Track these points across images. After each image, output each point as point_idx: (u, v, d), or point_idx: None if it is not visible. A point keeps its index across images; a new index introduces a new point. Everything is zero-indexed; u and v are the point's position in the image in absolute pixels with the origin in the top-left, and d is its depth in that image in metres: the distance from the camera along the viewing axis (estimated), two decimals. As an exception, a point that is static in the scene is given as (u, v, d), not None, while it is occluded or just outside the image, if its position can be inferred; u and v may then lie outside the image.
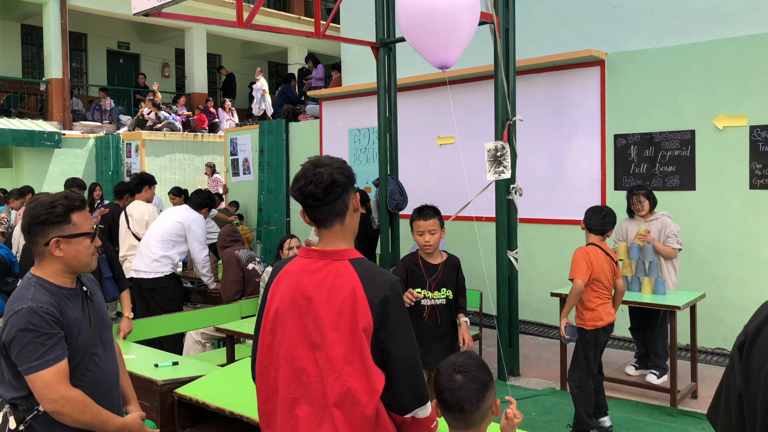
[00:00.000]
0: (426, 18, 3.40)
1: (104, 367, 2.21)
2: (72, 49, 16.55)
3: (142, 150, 13.20)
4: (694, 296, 5.11)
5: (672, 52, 6.57)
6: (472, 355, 2.00)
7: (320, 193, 1.91)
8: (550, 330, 7.25)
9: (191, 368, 3.33)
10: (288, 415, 1.91)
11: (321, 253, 1.97)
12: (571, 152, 7.25)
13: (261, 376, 1.99)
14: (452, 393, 1.89)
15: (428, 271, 3.78)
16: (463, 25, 3.49)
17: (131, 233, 6.32)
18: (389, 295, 1.87)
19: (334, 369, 1.84)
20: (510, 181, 5.67)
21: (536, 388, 5.44)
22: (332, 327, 1.86)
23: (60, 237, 2.15)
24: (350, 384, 1.82)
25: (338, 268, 1.92)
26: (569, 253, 7.22)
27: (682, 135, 6.50)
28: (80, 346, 2.12)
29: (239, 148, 11.63)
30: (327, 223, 1.96)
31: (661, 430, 4.47)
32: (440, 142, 8.32)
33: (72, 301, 2.16)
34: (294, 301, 1.93)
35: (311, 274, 1.93)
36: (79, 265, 2.20)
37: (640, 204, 5.46)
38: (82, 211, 2.22)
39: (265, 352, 1.98)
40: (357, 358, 1.83)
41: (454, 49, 3.54)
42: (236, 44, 20.25)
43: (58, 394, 2.01)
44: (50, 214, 2.14)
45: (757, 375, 1.08)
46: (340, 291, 1.87)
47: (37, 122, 13.61)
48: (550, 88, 7.35)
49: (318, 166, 1.95)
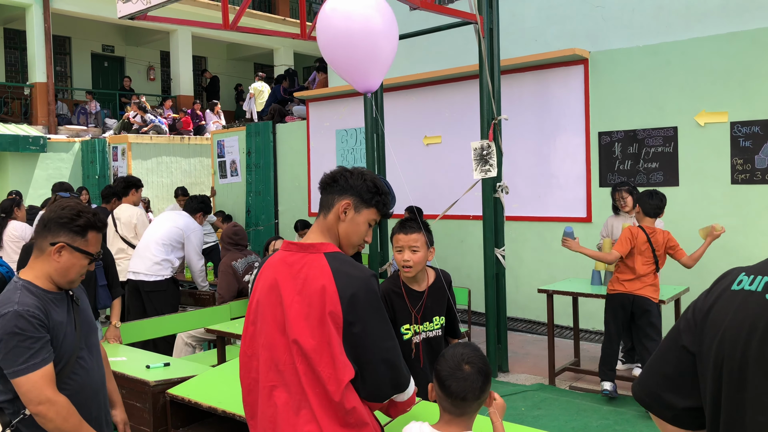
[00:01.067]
0: (344, 45, 3.42)
1: (90, 370, 2.23)
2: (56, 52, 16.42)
3: (128, 153, 13.14)
4: (678, 290, 5.20)
5: (654, 50, 6.67)
6: (477, 348, 2.07)
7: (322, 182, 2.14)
8: (538, 326, 7.33)
9: (183, 369, 3.35)
10: (267, 403, 1.96)
11: (299, 246, 2.05)
12: (556, 150, 7.32)
13: (244, 366, 2.05)
14: (459, 382, 1.97)
15: (411, 299, 2.94)
16: (380, 49, 3.45)
17: (119, 237, 6.31)
18: (358, 292, 1.92)
19: (306, 358, 1.90)
20: (496, 180, 5.73)
21: (525, 383, 5.50)
22: (303, 317, 1.92)
23: (67, 244, 2.18)
24: (320, 372, 1.89)
25: (313, 260, 1.99)
26: (555, 250, 7.33)
27: (665, 132, 6.60)
28: (66, 349, 2.14)
29: (226, 150, 11.62)
30: (320, 211, 2.13)
31: (649, 423, 4.54)
32: (427, 141, 8.37)
33: (58, 305, 2.18)
34: (271, 292, 2.00)
35: (288, 266, 2.01)
36: (63, 279, 2.21)
37: (623, 200, 5.56)
38: (98, 233, 2.26)
39: (248, 342, 2.05)
40: (325, 348, 1.89)
41: (375, 74, 3.52)
42: (222, 46, 20.20)
43: (44, 396, 2.02)
44: (72, 221, 2.19)
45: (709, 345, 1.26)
46: (312, 283, 1.94)
47: (21, 127, 13.49)
48: (535, 87, 7.43)
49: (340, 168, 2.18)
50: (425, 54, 8.98)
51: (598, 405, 4.91)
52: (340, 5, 3.46)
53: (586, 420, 4.63)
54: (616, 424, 4.54)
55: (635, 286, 4.80)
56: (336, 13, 3.46)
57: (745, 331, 1.22)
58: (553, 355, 5.48)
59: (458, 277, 7.37)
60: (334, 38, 3.44)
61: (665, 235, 4.89)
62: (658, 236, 4.87)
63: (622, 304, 4.87)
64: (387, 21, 3.51)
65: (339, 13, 3.44)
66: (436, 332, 3.00)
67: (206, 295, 6.08)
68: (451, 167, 8.04)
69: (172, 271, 5.69)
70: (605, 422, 4.59)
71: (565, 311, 6.59)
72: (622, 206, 5.57)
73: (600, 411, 4.79)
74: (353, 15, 3.43)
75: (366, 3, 3.47)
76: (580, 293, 5.32)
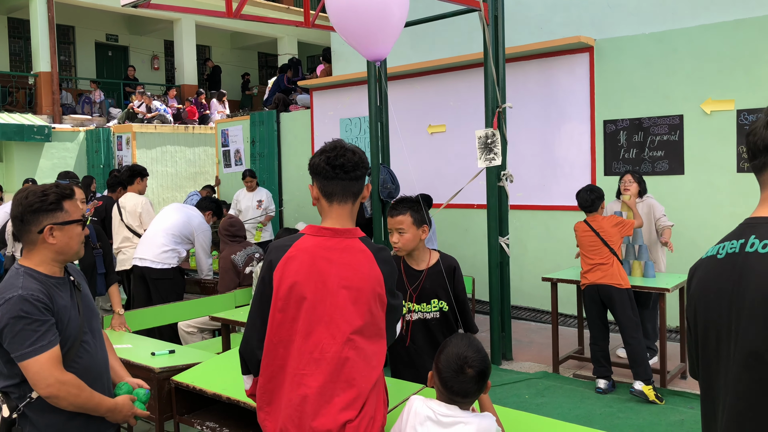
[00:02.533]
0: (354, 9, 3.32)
1: (94, 354, 2.25)
2: (60, 42, 16.42)
3: (133, 143, 13.16)
4: (683, 278, 5.18)
5: (660, 38, 6.62)
6: (479, 348, 2.08)
7: (351, 166, 2.02)
8: (542, 315, 7.33)
9: (188, 356, 3.37)
10: (295, 391, 1.95)
11: (333, 231, 2.04)
12: (561, 138, 7.30)
13: (269, 353, 2.02)
14: (462, 384, 2.01)
15: (409, 278, 2.99)
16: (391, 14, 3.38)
17: (124, 225, 6.33)
18: (395, 269, 2.10)
19: (354, 342, 1.95)
20: (501, 168, 5.72)
21: (529, 371, 5.51)
22: (352, 302, 1.95)
23: (54, 224, 2.19)
24: (366, 351, 1.96)
25: (353, 245, 2.02)
26: (560, 238, 7.32)
27: (671, 120, 6.56)
28: (70, 333, 2.16)
29: (230, 139, 11.62)
30: (344, 199, 2.05)
31: (652, 410, 4.55)
32: (431, 130, 8.35)
33: (61, 289, 2.19)
34: (310, 277, 1.98)
35: (327, 250, 2.01)
36: (70, 252, 2.24)
37: (626, 184, 5.58)
38: (72, 199, 2.26)
39: (275, 329, 2.01)
40: (374, 330, 1.98)
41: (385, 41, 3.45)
42: (225, 35, 20.15)
43: (53, 378, 2.04)
44: (43, 202, 2.18)
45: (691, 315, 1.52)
46: (359, 267, 1.98)
47: (26, 116, 13.52)
48: (540, 75, 7.39)
49: (345, 146, 2.06)
50: (430, 42, 8.94)
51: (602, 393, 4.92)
52: None
53: (589, 408, 4.64)
54: (620, 412, 4.55)
55: (596, 276, 4.96)
56: None
57: (711, 294, 1.39)
58: (557, 344, 5.48)
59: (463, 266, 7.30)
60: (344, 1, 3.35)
61: (610, 220, 5.04)
62: (603, 223, 5.03)
63: (591, 296, 5.04)
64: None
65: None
66: (433, 315, 2.96)
67: (211, 283, 6.11)
68: (456, 156, 8.02)
69: (178, 260, 5.73)
70: (609, 410, 4.60)
71: (569, 299, 6.59)
72: (625, 191, 5.58)
73: (603, 399, 4.80)
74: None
75: None
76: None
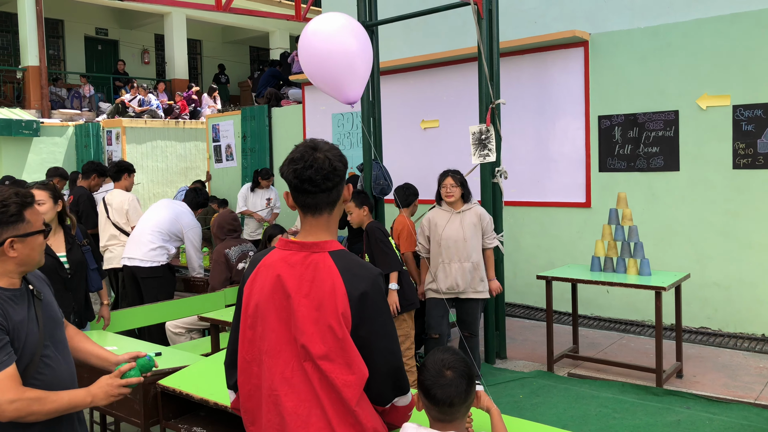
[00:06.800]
0: (323, 65, 3.86)
1: (57, 368, 2.12)
2: (49, 36, 16.21)
3: (122, 137, 13.00)
4: (678, 276, 5.12)
5: (654, 32, 6.55)
6: (456, 352, 2.01)
7: (320, 179, 1.84)
8: (536, 312, 7.28)
9: (174, 359, 3.27)
10: (273, 411, 1.86)
11: (300, 245, 1.91)
12: (555, 134, 7.23)
13: (243, 372, 1.94)
14: (443, 389, 1.91)
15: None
16: (356, 67, 3.90)
17: (111, 223, 6.21)
18: (369, 290, 1.83)
19: (316, 365, 1.81)
20: (495, 165, 5.64)
21: (523, 370, 5.45)
22: (312, 321, 1.81)
23: (15, 237, 2.06)
24: (333, 380, 1.79)
25: (318, 260, 1.86)
26: (554, 235, 7.27)
27: (666, 115, 6.50)
28: (28, 349, 2.03)
29: (221, 134, 11.49)
30: (318, 211, 1.90)
31: (647, 410, 4.50)
32: (425, 125, 8.26)
33: (17, 302, 2.06)
34: (274, 295, 1.87)
35: (291, 266, 1.88)
36: (31, 263, 2.12)
37: (451, 188, 4.85)
38: (33, 207, 2.13)
39: (247, 347, 1.92)
40: (339, 353, 1.80)
41: (354, 89, 3.97)
42: (217, 29, 19.98)
43: (6, 399, 1.91)
44: (3, 214, 2.04)
45: None
46: (321, 285, 1.82)
47: (14, 111, 13.34)
48: (534, 69, 7.31)
49: (316, 150, 1.87)
50: (423, 36, 8.85)
51: (597, 392, 4.86)
52: (320, 28, 3.86)
53: (585, 408, 4.58)
54: (615, 412, 4.49)
55: None
56: (316, 36, 3.85)
57: None
58: (551, 342, 5.42)
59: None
60: (315, 58, 3.87)
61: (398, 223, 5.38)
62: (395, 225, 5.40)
63: None
64: (361, 42, 3.94)
65: (319, 35, 3.85)
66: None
67: (200, 281, 6.02)
68: (450, 151, 7.94)
69: (167, 257, 5.65)
70: (604, 410, 4.54)
71: (563, 297, 6.53)
72: (448, 195, 4.86)
73: (599, 398, 4.75)
74: (331, 38, 3.83)
75: (342, 26, 3.88)
76: (580, 280, 5.25)
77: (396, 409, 1.94)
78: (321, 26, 3.85)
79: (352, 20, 3.99)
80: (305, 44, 3.90)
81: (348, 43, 3.83)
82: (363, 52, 3.93)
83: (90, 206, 6.80)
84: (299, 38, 4.06)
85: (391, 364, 1.87)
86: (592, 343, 6.17)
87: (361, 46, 3.90)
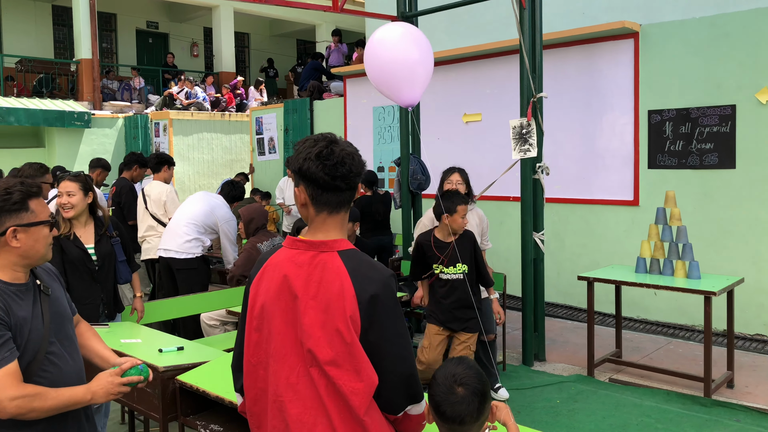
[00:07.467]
0: (387, 71, 4.15)
1: (63, 366, 2.07)
2: (102, 29, 16.62)
3: (169, 129, 13.20)
4: (731, 281, 4.83)
5: (711, 22, 6.21)
6: (470, 365, 1.87)
7: (353, 176, 1.78)
8: (579, 313, 7.03)
9: (195, 354, 3.21)
10: (277, 417, 1.78)
11: (308, 244, 1.80)
12: (602, 129, 6.95)
13: (249, 375, 1.86)
14: (453, 406, 1.79)
15: (439, 248, 4.20)
16: (417, 75, 4.14)
17: (149, 214, 6.27)
18: (379, 293, 1.72)
19: (323, 371, 1.71)
20: (536, 160, 5.43)
21: (562, 374, 5.25)
22: (319, 325, 1.71)
23: (18, 226, 2.01)
24: (340, 386, 1.69)
25: (326, 260, 1.76)
26: (600, 234, 7.00)
27: (722, 110, 6.16)
28: (32, 346, 1.98)
29: (264, 127, 11.53)
30: (337, 208, 1.80)
31: (693, 422, 4.25)
32: (467, 119, 8.08)
33: (22, 297, 2.01)
34: (280, 296, 1.78)
35: (298, 267, 1.78)
36: (36, 256, 2.06)
37: (457, 184, 4.66)
38: (39, 198, 2.08)
39: (253, 350, 1.84)
40: (346, 359, 1.70)
41: (413, 94, 4.20)
42: (264, 22, 20.12)
43: (7, 396, 1.87)
44: (6, 202, 2.00)
45: None
46: (328, 287, 1.72)
47: (67, 102, 13.70)
48: (581, 62, 7.04)
49: (337, 144, 1.78)
50: (466, 27, 8.64)
51: (639, 400, 4.63)
52: (386, 36, 4.16)
53: (625, 416, 4.36)
54: (658, 422, 4.26)
55: None
56: (381, 44, 4.16)
57: None
58: (592, 345, 5.20)
59: (497, 261, 7.11)
60: (379, 65, 4.18)
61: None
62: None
63: None
64: (423, 51, 4.18)
65: (384, 43, 4.15)
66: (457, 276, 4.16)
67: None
68: (492, 146, 7.74)
69: (202, 249, 5.66)
70: (646, 419, 4.31)
71: (608, 298, 6.28)
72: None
73: (641, 407, 4.51)
74: (395, 47, 4.12)
75: (406, 36, 4.16)
76: (623, 281, 5.01)
77: (409, 418, 1.82)
78: (385, 35, 4.17)
79: (415, 30, 4.25)
80: (370, 52, 4.22)
81: (410, 51, 4.12)
82: (425, 60, 4.19)
83: (132, 197, 6.88)
84: (365, 46, 4.38)
85: (403, 371, 1.75)
86: (637, 347, 5.91)
87: (422, 55, 4.18)
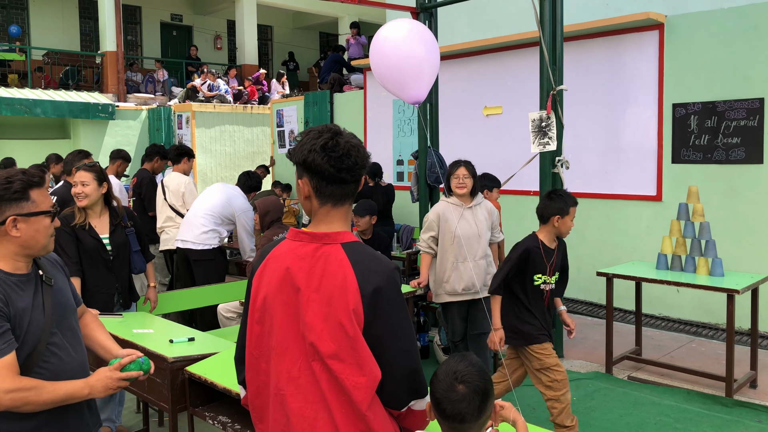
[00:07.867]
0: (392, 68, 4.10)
1: (65, 357, 2.05)
2: (126, 22, 16.76)
3: (192, 121, 13.28)
4: (756, 278, 4.71)
5: (739, 13, 6.04)
6: (473, 362, 1.81)
7: (359, 168, 1.75)
8: (599, 309, 6.92)
9: (206, 345, 3.21)
10: (279, 411, 1.76)
11: (312, 236, 1.77)
12: (625, 123, 6.81)
13: (251, 368, 1.84)
14: (453, 404, 1.74)
15: (547, 255, 3.73)
16: (423, 72, 4.10)
17: (168, 205, 6.31)
18: (383, 286, 1.69)
19: (325, 365, 1.68)
20: (556, 154, 5.34)
21: (580, 371, 5.17)
22: (322, 318, 1.69)
23: (18, 215, 2.00)
24: (342, 381, 1.67)
25: (329, 252, 1.73)
26: (621, 229, 6.87)
27: (750, 104, 6.00)
28: (32, 337, 1.97)
29: (285, 119, 11.54)
30: (341, 200, 1.78)
31: (713, 422, 4.15)
32: (487, 112, 7.98)
33: (22, 288, 2.00)
34: (282, 289, 1.76)
35: (300, 258, 1.75)
36: (36, 247, 2.05)
37: (465, 178, 4.46)
38: (41, 188, 2.06)
39: (255, 342, 1.82)
40: (349, 353, 1.67)
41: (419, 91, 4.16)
42: (287, 15, 20.13)
43: (2, 388, 1.86)
44: (7, 190, 1.98)
45: None
46: (331, 279, 1.69)
47: (93, 94, 13.86)
48: (604, 54, 6.91)
49: (342, 136, 1.76)
50: (487, 19, 8.53)
51: (659, 399, 4.54)
52: (392, 33, 4.12)
53: (643, 415, 4.28)
54: (677, 422, 4.17)
55: None
56: (387, 41, 4.12)
57: None
58: (611, 342, 5.11)
59: (515, 256, 7.02)
60: (384, 62, 4.13)
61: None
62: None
63: None
64: (429, 49, 4.14)
65: (389, 41, 4.11)
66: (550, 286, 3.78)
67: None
68: (513, 139, 7.64)
69: (219, 240, 5.67)
70: (665, 419, 4.23)
71: (629, 294, 6.16)
72: (460, 187, 4.47)
73: (660, 406, 4.43)
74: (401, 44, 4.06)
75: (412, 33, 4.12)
76: (642, 278, 4.91)
77: (413, 413, 1.79)
78: (391, 33, 4.14)
79: (422, 27, 4.24)
80: (376, 48, 4.17)
81: (416, 49, 4.08)
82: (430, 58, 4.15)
83: (152, 188, 6.92)
84: (371, 43, 4.30)
85: (407, 366, 1.72)
86: (658, 345, 5.80)
87: (428, 53, 4.13)
